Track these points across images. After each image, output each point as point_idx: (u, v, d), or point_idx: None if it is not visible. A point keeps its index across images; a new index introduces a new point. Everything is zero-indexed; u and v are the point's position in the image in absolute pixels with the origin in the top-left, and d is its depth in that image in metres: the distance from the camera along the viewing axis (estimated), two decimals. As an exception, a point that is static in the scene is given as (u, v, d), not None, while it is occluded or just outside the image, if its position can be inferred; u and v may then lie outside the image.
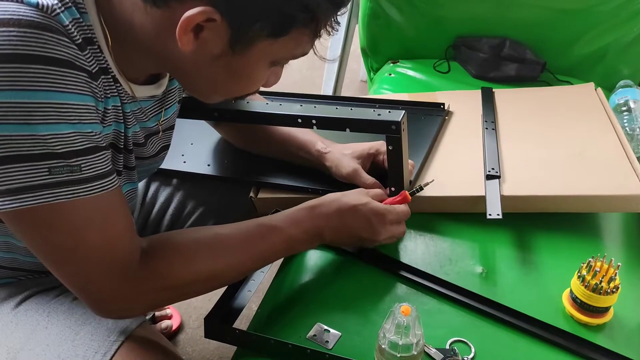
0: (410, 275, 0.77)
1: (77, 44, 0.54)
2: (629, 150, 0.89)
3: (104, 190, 0.57)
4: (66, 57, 0.52)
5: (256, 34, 0.56)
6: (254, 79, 0.64)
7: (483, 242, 0.84)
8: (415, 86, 1.36)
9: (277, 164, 0.93)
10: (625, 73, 1.31)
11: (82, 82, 0.54)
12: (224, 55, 0.58)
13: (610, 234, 0.89)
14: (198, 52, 0.57)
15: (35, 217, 0.54)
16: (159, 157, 0.79)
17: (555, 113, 1.05)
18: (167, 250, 0.64)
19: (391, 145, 0.77)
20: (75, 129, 0.54)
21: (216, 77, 0.62)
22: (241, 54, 0.58)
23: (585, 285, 0.70)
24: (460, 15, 1.39)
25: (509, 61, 1.34)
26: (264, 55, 0.59)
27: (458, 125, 1.04)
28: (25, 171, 0.52)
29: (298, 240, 0.73)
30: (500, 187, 0.84)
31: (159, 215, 0.96)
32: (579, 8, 1.29)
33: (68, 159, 0.53)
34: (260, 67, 0.62)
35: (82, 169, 0.55)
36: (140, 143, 0.72)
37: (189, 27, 0.54)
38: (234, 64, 0.59)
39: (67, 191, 0.54)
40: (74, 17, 0.55)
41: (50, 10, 0.51)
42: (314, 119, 0.79)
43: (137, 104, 0.67)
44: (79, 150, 0.54)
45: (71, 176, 0.54)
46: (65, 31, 0.53)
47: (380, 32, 1.46)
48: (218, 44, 0.57)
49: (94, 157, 0.56)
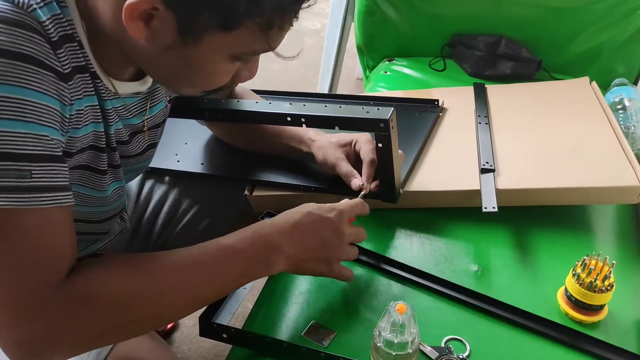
0: (405, 273, 0.77)
1: (52, 42, 0.53)
2: (624, 142, 0.89)
3: (54, 204, 0.52)
4: (34, 54, 0.51)
5: (204, 26, 0.54)
6: (215, 73, 0.61)
7: (478, 240, 0.84)
8: (411, 84, 1.36)
9: (271, 162, 0.93)
10: (620, 71, 1.32)
11: (48, 82, 0.52)
12: (177, 46, 0.55)
13: (605, 231, 0.89)
14: (151, 41, 0.55)
15: None
16: (145, 156, 0.78)
17: (550, 107, 1.06)
18: (99, 270, 0.57)
19: (380, 143, 0.77)
20: (28, 129, 0.50)
21: (174, 68, 0.59)
22: (193, 45, 0.55)
23: (580, 283, 0.70)
24: (456, 13, 1.39)
25: (505, 59, 1.34)
26: (219, 48, 0.56)
27: (452, 122, 1.04)
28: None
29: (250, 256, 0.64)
30: (495, 181, 0.85)
31: (153, 215, 0.96)
32: (574, 6, 1.30)
33: (18, 162, 0.50)
34: (218, 60, 0.58)
35: (33, 175, 0.51)
36: (124, 141, 0.70)
37: (134, 15, 0.52)
38: (188, 56, 0.57)
39: (13, 198, 0.49)
40: (54, 13, 0.54)
41: (26, 6, 0.50)
42: (303, 118, 0.79)
43: (120, 100, 0.66)
44: (30, 154, 0.50)
45: (20, 182, 0.50)
46: (41, 28, 0.52)
47: (376, 30, 1.46)
48: (167, 33, 0.54)
49: (47, 167, 0.52)
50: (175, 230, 0.95)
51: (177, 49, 0.56)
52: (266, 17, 0.54)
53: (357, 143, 0.85)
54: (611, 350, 0.67)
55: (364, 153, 0.83)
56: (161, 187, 0.97)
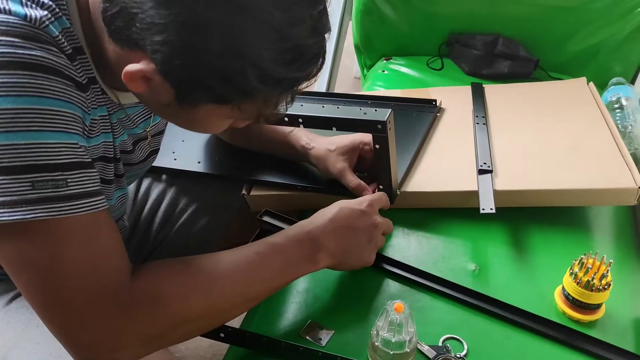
0: (403, 272, 0.77)
1: (67, 54, 0.53)
2: (621, 143, 0.89)
3: (91, 210, 0.53)
4: (54, 65, 0.51)
5: (199, 98, 0.54)
6: (212, 128, 0.63)
7: (476, 238, 0.84)
8: (408, 83, 1.36)
9: (269, 161, 0.93)
10: (618, 70, 1.32)
11: (70, 91, 0.53)
12: (174, 106, 0.56)
13: (602, 230, 0.89)
14: (150, 94, 0.56)
15: (12, 232, 0.50)
16: (147, 162, 0.78)
17: (547, 107, 1.05)
18: (157, 270, 0.59)
19: (378, 144, 0.77)
20: (59, 138, 0.51)
21: (172, 118, 0.62)
22: (190, 109, 0.56)
23: (577, 282, 0.70)
24: (454, 12, 1.39)
25: (502, 58, 1.34)
26: (215, 114, 0.57)
27: (450, 122, 1.04)
28: (7, 185, 0.49)
29: (292, 251, 0.66)
30: (493, 182, 0.85)
31: (150, 213, 0.96)
32: (572, 5, 1.30)
33: (51, 172, 0.50)
34: (214, 122, 0.60)
35: (69, 184, 0.52)
36: (128, 150, 0.71)
37: (133, 78, 0.53)
38: (185, 115, 0.57)
39: (51, 208, 0.50)
40: (65, 27, 0.54)
41: (38, 22, 0.51)
42: (301, 118, 0.78)
43: (123, 111, 0.66)
44: (63, 163, 0.51)
45: (56, 192, 0.51)
46: (55, 42, 0.52)
47: (374, 29, 1.46)
48: (165, 95, 0.54)
49: (80, 173, 0.53)
50: (172, 229, 0.95)
51: (174, 108, 0.56)
52: (263, 96, 0.54)
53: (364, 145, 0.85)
54: (608, 349, 0.67)
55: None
56: (158, 185, 0.97)
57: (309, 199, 0.89)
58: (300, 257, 0.67)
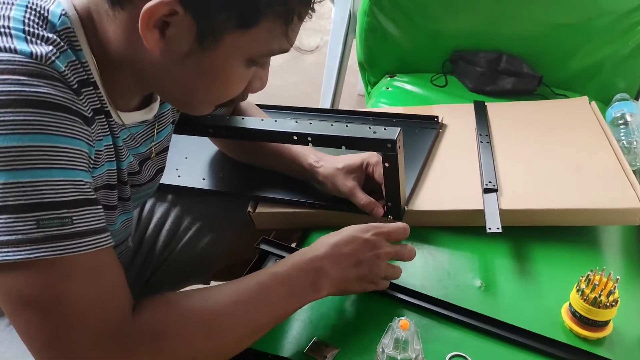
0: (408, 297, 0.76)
1: (73, 89, 0.54)
2: (625, 163, 0.89)
3: (96, 248, 0.53)
4: (61, 101, 0.51)
5: (223, 25, 0.53)
6: (231, 79, 0.60)
7: (481, 255, 0.84)
8: (412, 100, 1.36)
9: (274, 178, 0.93)
10: (622, 86, 1.32)
11: (77, 127, 0.53)
12: (194, 53, 0.55)
13: (608, 246, 0.88)
14: (167, 52, 0.55)
15: (14, 270, 0.49)
16: (155, 181, 0.78)
17: (550, 126, 1.06)
18: (159, 306, 0.58)
19: (387, 163, 0.77)
20: (65, 175, 0.51)
21: (190, 79, 0.59)
22: (211, 49, 0.55)
23: (584, 299, 0.69)
24: (457, 30, 1.40)
25: (506, 75, 1.34)
26: (236, 50, 0.56)
27: (452, 138, 1.05)
28: (12, 223, 0.48)
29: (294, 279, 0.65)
30: (498, 201, 0.84)
31: (155, 232, 0.96)
32: (574, 22, 1.30)
33: (57, 210, 0.50)
34: (235, 65, 0.58)
35: (74, 221, 0.51)
36: (135, 172, 0.71)
37: (151, 21, 0.52)
38: (206, 62, 0.56)
39: (56, 247, 0.50)
40: (69, 61, 0.54)
41: (45, 59, 0.51)
42: (310, 137, 0.78)
43: (126, 131, 0.66)
44: (69, 201, 0.51)
45: (62, 230, 0.50)
46: (62, 77, 0.52)
47: (378, 46, 1.47)
48: (185, 40, 0.54)
49: (85, 211, 0.52)
50: (177, 247, 0.95)
51: (193, 57, 0.56)
52: (286, 7, 0.54)
53: (368, 165, 0.85)
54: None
55: (379, 176, 0.83)
56: (163, 204, 0.97)
57: (316, 217, 0.89)
58: (302, 285, 0.66)
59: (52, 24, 0.54)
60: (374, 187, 0.86)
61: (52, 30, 0.54)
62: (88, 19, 0.57)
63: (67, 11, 0.56)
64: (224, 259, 0.97)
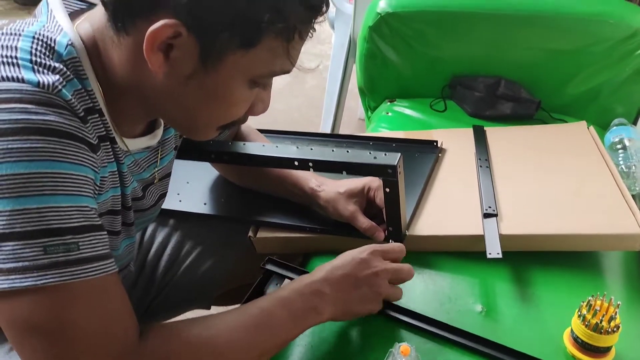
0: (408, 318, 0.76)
1: (79, 116, 0.54)
2: (624, 188, 0.90)
3: (102, 274, 0.53)
4: (67, 128, 0.52)
5: (226, 45, 0.54)
6: (233, 100, 0.61)
7: (482, 279, 0.84)
8: (412, 124, 1.37)
9: (275, 203, 0.93)
10: (619, 111, 1.33)
11: (83, 154, 0.54)
12: (197, 74, 0.56)
13: (609, 271, 0.88)
14: (171, 75, 0.56)
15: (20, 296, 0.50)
16: (157, 206, 0.79)
17: (549, 151, 1.06)
18: (165, 332, 0.59)
19: (388, 188, 0.78)
20: (71, 201, 0.52)
21: (193, 101, 0.59)
22: (214, 70, 0.56)
23: (586, 325, 0.69)
24: (456, 56, 1.42)
25: (505, 100, 1.35)
26: (239, 70, 0.57)
27: (452, 163, 1.05)
28: (19, 250, 0.49)
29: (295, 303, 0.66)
30: (498, 226, 0.85)
31: (156, 257, 0.96)
32: (571, 49, 1.32)
33: (64, 236, 0.50)
34: (237, 86, 0.59)
35: (80, 247, 0.51)
36: (139, 197, 0.72)
37: (155, 44, 0.53)
38: (209, 83, 0.57)
39: (63, 273, 0.50)
40: (76, 89, 0.56)
41: (51, 88, 0.52)
42: (311, 162, 0.79)
43: (131, 157, 0.67)
44: (75, 227, 0.51)
45: (68, 256, 0.51)
46: (68, 105, 0.53)
47: (378, 72, 1.48)
48: (188, 62, 0.55)
49: (91, 236, 0.53)
50: (178, 272, 0.95)
51: (196, 78, 0.57)
52: (287, 25, 0.55)
53: (370, 190, 0.85)
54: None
55: (380, 200, 0.83)
56: (164, 229, 0.98)
57: (317, 242, 0.89)
58: (304, 309, 0.66)
59: (58, 54, 0.56)
60: (375, 212, 0.86)
61: (59, 60, 0.55)
62: (93, 48, 0.59)
63: (73, 41, 0.57)
64: (225, 284, 0.97)
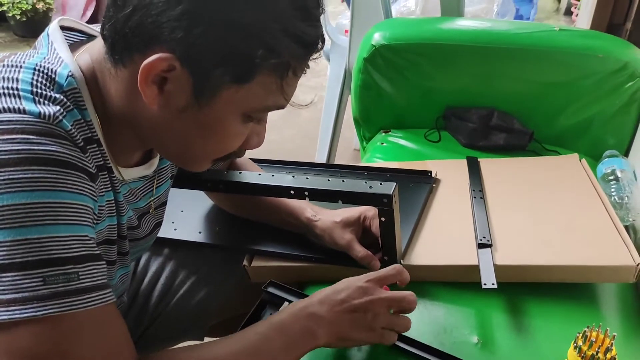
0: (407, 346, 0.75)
1: (79, 146, 0.55)
2: (617, 220, 0.90)
3: (101, 303, 0.53)
4: (68, 158, 0.53)
5: (219, 80, 0.55)
6: (227, 134, 0.61)
7: (477, 309, 0.84)
8: (406, 155, 1.38)
9: (270, 231, 0.93)
10: (611, 143, 1.35)
11: (83, 183, 0.54)
12: (191, 108, 0.56)
13: (605, 302, 0.88)
14: (165, 107, 0.57)
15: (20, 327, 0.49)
16: (152, 235, 0.79)
17: (542, 183, 1.07)
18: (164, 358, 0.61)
19: (383, 217, 0.78)
20: (72, 231, 0.52)
21: (187, 134, 0.60)
22: (207, 105, 0.56)
23: (582, 356, 0.69)
24: (450, 87, 1.44)
25: (498, 131, 1.37)
26: (232, 105, 0.57)
27: (446, 194, 1.06)
28: (19, 281, 0.49)
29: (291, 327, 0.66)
30: (493, 256, 0.85)
31: (149, 286, 0.95)
32: (563, 81, 1.34)
33: (64, 266, 0.51)
34: (231, 120, 0.59)
35: (80, 277, 0.52)
36: (134, 226, 0.72)
37: (149, 77, 0.54)
38: (202, 117, 0.57)
39: (63, 303, 0.50)
40: (75, 119, 0.56)
41: (52, 118, 0.53)
42: (307, 191, 0.79)
43: (126, 186, 0.68)
44: (75, 256, 0.52)
45: (68, 286, 0.51)
46: (69, 135, 0.54)
47: (372, 103, 1.50)
48: (182, 95, 0.55)
49: (91, 266, 0.53)
50: (171, 301, 0.94)
51: (190, 112, 0.57)
52: (281, 62, 0.55)
53: (366, 219, 0.86)
54: None
55: (376, 229, 0.83)
56: (158, 258, 0.97)
57: (312, 271, 0.89)
58: (299, 333, 0.66)
59: (59, 85, 0.56)
60: (371, 241, 0.86)
61: (59, 91, 0.56)
62: (92, 79, 0.60)
63: (73, 72, 0.58)
64: (219, 314, 0.96)
